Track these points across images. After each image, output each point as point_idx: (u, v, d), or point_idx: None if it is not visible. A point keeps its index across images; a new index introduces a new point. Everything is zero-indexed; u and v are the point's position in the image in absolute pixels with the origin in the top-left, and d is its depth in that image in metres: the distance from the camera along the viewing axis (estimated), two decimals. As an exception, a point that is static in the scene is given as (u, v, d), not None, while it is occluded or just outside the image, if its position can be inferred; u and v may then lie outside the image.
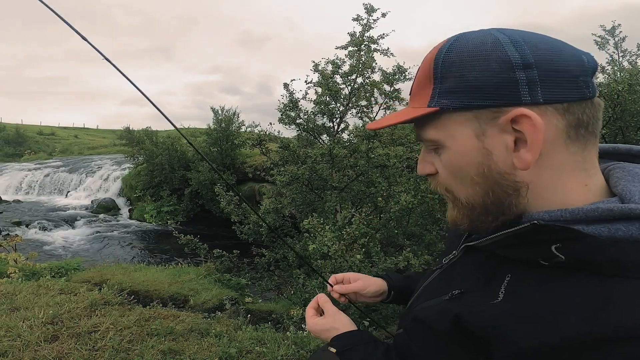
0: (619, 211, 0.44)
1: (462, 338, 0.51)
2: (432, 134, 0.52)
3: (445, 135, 0.51)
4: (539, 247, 0.46)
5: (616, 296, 0.40)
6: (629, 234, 0.43)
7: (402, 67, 5.02)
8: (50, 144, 29.34)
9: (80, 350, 2.39)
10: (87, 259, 8.66)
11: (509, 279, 0.50)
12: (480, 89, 0.47)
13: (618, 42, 6.57)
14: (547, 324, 0.42)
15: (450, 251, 0.68)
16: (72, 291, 3.56)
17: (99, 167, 18.67)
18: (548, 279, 0.46)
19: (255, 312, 4.44)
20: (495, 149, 0.48)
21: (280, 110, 5.31)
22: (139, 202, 15.47)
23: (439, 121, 0.51)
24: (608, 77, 5.44)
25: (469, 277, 0.58)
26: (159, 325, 2.88)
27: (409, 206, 4.28)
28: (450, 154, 0.52)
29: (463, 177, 0.52)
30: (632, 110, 4.06)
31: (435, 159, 0.55)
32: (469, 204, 0.53)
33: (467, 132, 0.49)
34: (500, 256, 0.53)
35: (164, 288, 4.74)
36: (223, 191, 5.42)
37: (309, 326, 0.80)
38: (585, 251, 0.43)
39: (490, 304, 0.49)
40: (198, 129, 19.47)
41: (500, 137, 0.48)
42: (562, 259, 0.44)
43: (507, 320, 0.45)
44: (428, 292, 0.67)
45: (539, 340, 0.42)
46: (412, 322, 0.65)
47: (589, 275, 0.43)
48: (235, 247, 5.35)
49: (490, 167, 0.49)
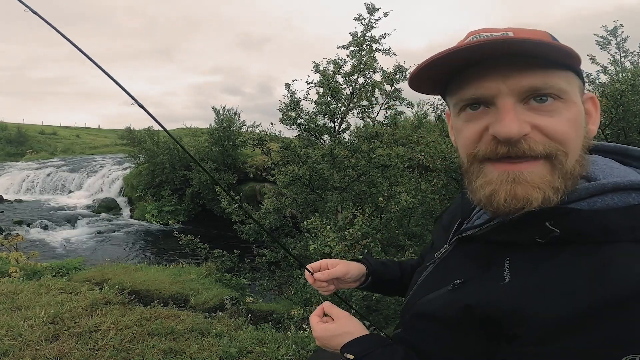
0: (594, 187, 0.50)
1: (472, 326, 0.52)
2: (562, 83, 0.50)
3: (572, 89, 0.51)
4: (535, 226, 0.50)
5: (613, 260, 0.44)
6: (605, 204, 0.49)
7: (403, 66, 5.02)
8: (52, 144, 29.38)
9: (81, 349, 2.39)
10: (88, 259, 8.68)
11: (510, 262, 0.52)
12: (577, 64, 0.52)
13: (620, 42, 6.55)
14: (561, 295, 0.44)
15: (440, 246, 0.69)
16: (73, 290, 3.56)
17: (100, 167, 18.69)
18: (547, 255, 0.49)
19: (256, 312, 4.44)
20: (584, 115, 0.54)
21: (282, 110, 5.31)
22: (140, 202, 15.48)
23: (567, 74, 0.51)
24: (611, 77, 5.42)
25: (466, 267, 0.59)
26: (160, 325, 2.88)
27: (409, 206, 4.28)
28: (575, 108, 0.51)
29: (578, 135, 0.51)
30: (634, 111, 4.04)
31: (532, 117, 0.49)
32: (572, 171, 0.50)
33: (578, 96, 0.53)
34: (494, 243, 0.55)
35: (164, 288, 4.74)
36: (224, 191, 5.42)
37: (316, 332, 0.75)
38: (575, 223, 0.48)
39: (499, 286, 0.50)
40: (200, 129, 19.48)
41: (585, 106, 0.55)
42: (557, 233, 0.48)
43: (522, 297, 0.47)
44: (425, 287, 0.67)
45: (556, 310, 0.44)
46: (414, 318, 0.65)
47: (583, 245, 0.47)
48: (236, 247, 5.36)
49: (585, 130, 0.54)
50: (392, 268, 0.94)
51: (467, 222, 0.65)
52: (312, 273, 0.84)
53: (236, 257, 5.27)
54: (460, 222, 0.67)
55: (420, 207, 4.80)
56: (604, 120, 4.19)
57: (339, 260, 0.88)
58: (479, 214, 0.62)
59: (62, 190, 17.49)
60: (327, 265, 0.86)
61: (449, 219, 0.72)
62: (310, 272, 0.84)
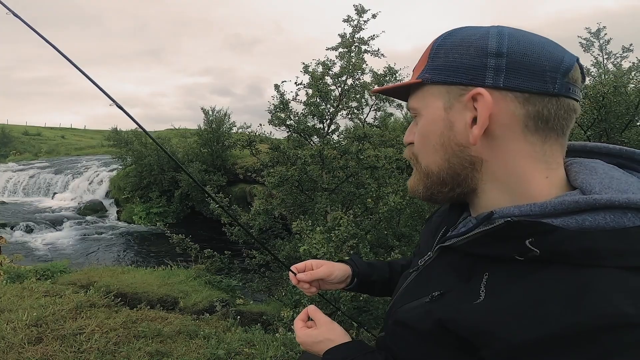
0: (585, 202, 0.46)
1: (446, 339, 0.51)
2: (413, 103, 0.59)
3: (422, 104, 0.57)
4: (514, 243, 0.47)
5: (591, 286, 0.41)
6: (595, 223, 0.45)
7: (393, 68, 5.05)
8: (36, 145, 28.77)
9: (65, 352, 2.35)
10: (73, 261, 8.51)
11: (487, 277, 0.50)
12: (456, 69, 0.52)
13: (603, 44, 6.69)
14: (531, 319, 0.43)
15: (424, 252, 0.68)
16: (57, 293, 3.50)
17: (86, 168, 18.37)
18: (525, 274, 0.47)
19: (246, 314, 4.41)
20: (457, 122, 0.53)
21: (271, 111, 5.29)
22: (127, 204, 15.26)
23: (420, 92, 0.58)
24: (593, 79, 5.55)
25: (447, 277, 0.58)
26: (146, 327, 2.85)
27: (398, 207, 4.30)
28: (423, 121, 0.58)
29: (428, 144, 0.57)
30: (616, 112, 4.14)
31: (415, 129, 0.60)
32: (427, 170, 0.58)
33: (438, 104, 0.55)
34: (475, 255, 0.54)
35: (152, 290, 4.68)
36: (213, 193, 5.37)
37: (299, 338, 0.76)
38: (557, 243, 0.45)
39: (472, 304, 0.49)
40: (189, 130, 19.29)
41: (463, 112, 0.52)
42: (536, 253, 0.45)
43: (492, 319, 0.46)
44: (408, 294, 0.66)
45: (525, 336, 0.42)
46: (395, 325, 0.64)
47: (563, 266, 0.44)
48: (226, 248, 5.31)
49: (450, 137, 0.54)
50: (380, 269, 0.93)
51: (452, 229, 0.64)
52: (296, 274, 0.84)
53: (227, 258, 5.22)
54: (445, 230, 0.66)
55: (408, 208, 4.83)
56: (587, 121, 4.29)
57: (324, 261, 0.88)
58: (465, 221, 0.60)
59: (46, 192, 17.15)
60: (312, 266, 0.86)
61: (438, 222, 0.71)
62: (294, 273, 0.84)
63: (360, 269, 0.90)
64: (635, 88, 4.22)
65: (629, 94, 4.16)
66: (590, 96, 4.15)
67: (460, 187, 0.56)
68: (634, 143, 4.34)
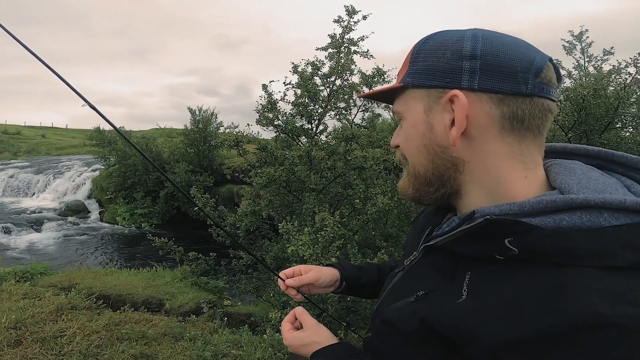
0: (562, 202, 0.47)
1: (430, 339, 0.52)
2: (397, 106, 0.61)
3: (405, 108, 0.59)
4: (493, 242, 0.48)
5: (567, 286, 0.42)
6: (572, 223, 0.46)
7: (381, 69, 5.08)
8: (16, 144, 27.90)
9: (46, 354, 2.28)
10: (54, 263, 8.28)
11: (470, 277, 0.51)
12: (434, 72, 0.54)
13: (584, 47, 6.87)
14: (510, 319, 0.43)
15: (410, 252, 0.69)
16: (36, 296, 3.40)
17: (67, 168, 17.90)
18: (505, 273, 0.47)
19: (233, 315, 4.36)
20: (437, 124, 0.55)
21: (259, 111, 5.26)
22: (110, 204, 14.93)
23: (403, 96, 0.59)
24: (574, 82, 5.68)
25: (431, 277, 0.59)
26: (130, 330, 2.79)
27: (385, 208, 4.32)
28: (406, 124, 0.60)
29: (412, 146, 0.59)
30: (596, 115, 4.25)
31: (401, 132, 0.62)
32: (415, 171, 0.60)
33: (419, 107, 0.56)
34: (458, 254, 0.55)
35: (137, 292, 4.59)
36: (199, 194, 5.31)
37: (286, 341, 0.76)
38: (535, 242, 0.45)
39: (455, 304, 0.50)
40: (175, 129, 19.00)
41: (441, 114, 0.54)
42: (515, 252, 0.46)
43: (473, 319, 0.46)
44: (393, 294, 0.67)
45: (504, 336, 0.42)
46: (381, 325, 0.65)
47: (541, 266, 0.45)
48: (212, 249, 5.25)
49: (431, 139, 0.56)
50: (368, 272, 0.94)
51: (437, 229, 0.65)
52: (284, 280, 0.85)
53: (212, 260, 5.15)
54: (430, 229, 0.67)
55: (396, 209, 4.86)
56: (568, 123, 4.39)
57: (312, 266, 0.89)
58: (449, 221, 0.61)
59: (25, 192, 16.65)
60: (300, 272, 0.87)
61: (424, 223, 0.72)
62: (282, 279, 0.85)
63: (349, 272, 0.91)
64: (615, 91, 4.34)
65: (609, 96, 4.28)
66: (571, 98, 4.26)
67: (445, 187, 0.58)
68: (613, 145, 4.46)
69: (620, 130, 4.90)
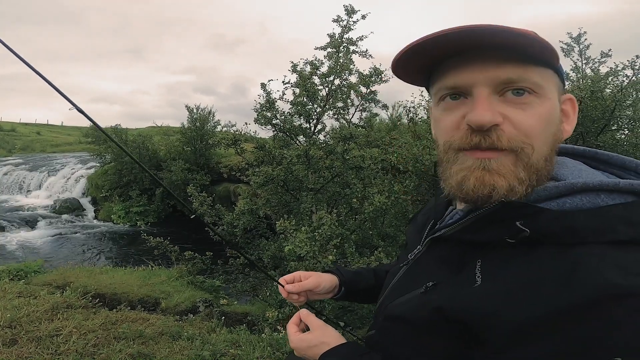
0: (564, 187, 0.50)
1: (444, 328, 0.51)
2: (537, 78, 0.51)
3: (547, 85, 0.52)
4: (505, 225, 0.49)
5: (581, 262, 0.43)
6: (574, 205, 0.49)
7: (379, 69, 5.08)
8: (10, 141, 27.62)
9: (42, 354, 2.26)
10: (49, 261, 8.22)
11: (481, 263, 0.51)
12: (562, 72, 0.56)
13: (582, 49, 6.91)
14: (530, 298, 0.44)
15: (413, 247, 0.69)
16: (31, 294, 3.37)
17: (62, 166, 17.76)
18: (517, 257, 0.48)
19: (230, 314, 4.35)
20: (558, 114, 0.55)
21: (257, 110, 5.24)
22: (105, 202, 14.84)
23: (545, 71, 0.52)
24: (572, 83, 5.72)
25: (438, 268, 0.58)
26: (127, 329, 2.77)
27: (382, 207, 4.33)
28: (549, 104, 0.52)
29: (547, 132, 0.52)
30: (592, 117, 4.28)
31: (505, 109, 0.50)
32: (538, 164, 0.51)
33: (555, 93, 0.54)
34: (466, 244, 0.55)
35: (133, 291, 4.57)
36: (196, 192, 5.28)
37: (293, 343, 0.75)
38: (544, 223, 0.47)
39: (470, 290, 0.50)
40: (172, 128, 18.90)
41: (562, 105, 0.56)
42: (527, 233, 0.47)
43: (492, 301, 0.47)
44: (398, 289, 0.67)
45: (524, 314, 0.43)
46: (386, 321, 0.64)
47: (552, 246, 0.46)
48: (209, 248, 5.22)
49: (558, 129, 0.55)
50: (365, 277, 0.94)
51: (439, 222, 0.65)
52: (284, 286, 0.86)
53: (208, 259, 5.13)
54: (433, 223, 0.67)
55: (393, 208, 4.88)
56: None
57: (312, 272, 0.89)
58: (452, 214, 0.61)
59: (20, 189, 16.49)
60: (300, 278, 0.87)
61: (423, 220, 0.72)
62: (282, 285, 0.86)
63: (347, 278, 0.92)
64: (612, 93, 4.36)
65: (605, 99, 4.30)
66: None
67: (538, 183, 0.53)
68: (609, 147, 4.49)
69: (616, 132, 4.94)
